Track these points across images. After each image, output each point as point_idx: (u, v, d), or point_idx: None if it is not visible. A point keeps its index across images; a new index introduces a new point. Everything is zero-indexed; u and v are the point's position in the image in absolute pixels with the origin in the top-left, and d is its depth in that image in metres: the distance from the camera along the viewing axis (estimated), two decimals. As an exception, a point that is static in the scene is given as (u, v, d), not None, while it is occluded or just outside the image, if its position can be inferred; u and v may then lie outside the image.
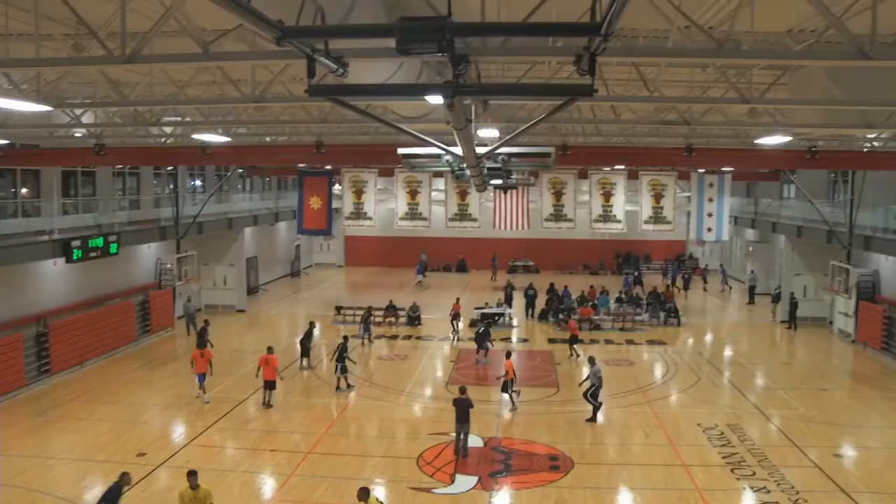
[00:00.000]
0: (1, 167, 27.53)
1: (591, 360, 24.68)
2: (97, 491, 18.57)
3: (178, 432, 23.43)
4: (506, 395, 25.44)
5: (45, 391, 27.17)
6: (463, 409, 20.93)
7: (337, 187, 38.61)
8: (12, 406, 25.46)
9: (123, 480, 15.52)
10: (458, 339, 35.40)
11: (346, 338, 28.84)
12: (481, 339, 31.87)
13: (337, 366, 27.11)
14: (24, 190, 30.22)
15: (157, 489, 18.78)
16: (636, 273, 53.14)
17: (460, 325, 36.38)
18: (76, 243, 28.91)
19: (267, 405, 25.48)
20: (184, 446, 21.87)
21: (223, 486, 18.74)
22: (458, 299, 38.59)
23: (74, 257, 28.91)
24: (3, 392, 25.80)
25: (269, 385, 25.58)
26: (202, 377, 26.13)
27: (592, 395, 23.88)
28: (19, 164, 28.39)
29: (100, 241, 30.47)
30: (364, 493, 14.44)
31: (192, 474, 15.22)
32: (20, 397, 26.28)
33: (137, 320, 34.83)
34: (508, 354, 26.58)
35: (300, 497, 18.26)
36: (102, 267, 32.30)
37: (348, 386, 27.17)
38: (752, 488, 18.57)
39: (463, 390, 21.56)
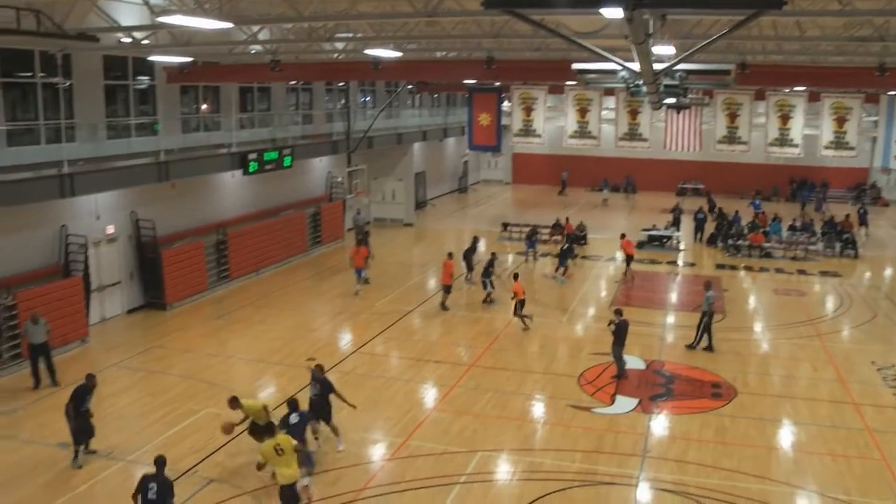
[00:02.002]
0: (185, 84, 28.76)
1: (707, 285, 23.67)
2: (272, 390, 19.77)
3: (346, 340, 24.39)
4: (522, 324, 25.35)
5: (224, 296, 28.79)
6: (624, 331, 20.80)
7: (506, 104, 38.42)
8: (196, 308, 27.15)
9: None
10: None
11: (493, 255, 29.39)
12: (563, 257, 31.77)
13: (484, 281, 27.72)
14: (204, 106, 31.55)
15: (326, 393, 19.66)
16: (818, 198, 51.01)
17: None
18: (252, 156, 30.05)
19: (443, 307, 26.91)
20: (351, 353, 22.76)
21: (388, 393, 19.44)
22: (567, 219, 38.12)
23: (251, 170, 30.08)
24: (189, 295, 27.56)
25: (445, 289, 26.97)
26: (360, 271, 28.73)
27: (707, 321, 23.00)
28: (201, 80, 29.55)
29: (274, 155, 31.55)
30: (234, 402, 15.33)
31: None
32: (203, 300, 27.97)
33: (309, 231, 36.13)
34: (516, 276, 26.34)
35: (462, 408, 18.70)
36: (276, 179, 33.54)
37: (490, 301, 27.67)
38: (929, 434, 17.63)
39: (620, 312, 21.32)
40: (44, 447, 16.34)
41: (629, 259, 32.02)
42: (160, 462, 12.44)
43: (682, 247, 38.35)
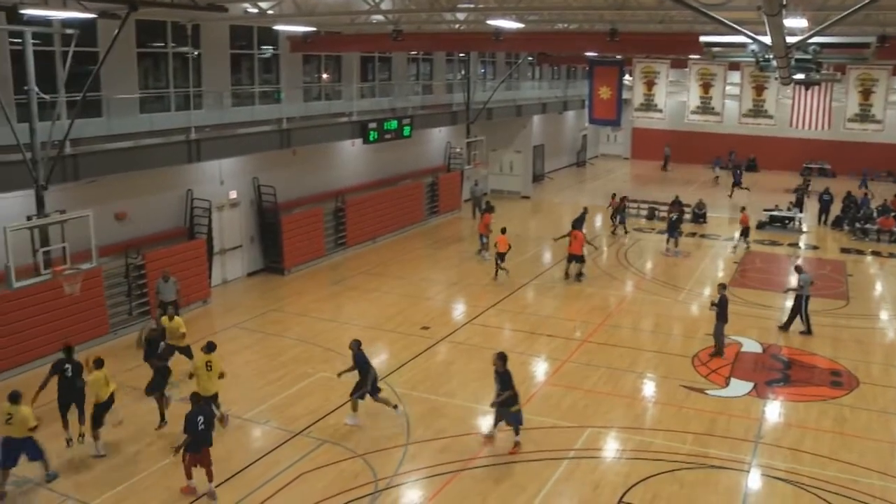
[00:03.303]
0: (307, 53, 29.22)
1: (798, 269, 23.00)
2: (385, 356, 20.03)
3: (460, 310, 24.52)
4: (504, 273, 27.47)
5: (340, 262, 29.34)
6: (725, 307, 20.32)
7: (627, 77, 37.70)
8: (313, 273, 27.76)
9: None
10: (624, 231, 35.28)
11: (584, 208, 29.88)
12: (672, 229, 31.74)
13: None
14: (325, 75, 32.00)
15: (438, 362, 19.86)
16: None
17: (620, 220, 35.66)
18: (372, 125, 30.37)
19: (573, 277, 27.21)
20: (464, 324, 22.88)
21: (499, 365, 19.48)
22: (614, 194, 37.07)
23: (371, 138, 30.42)
24: (307, 260, 28.21)
25: (574, 258, 26.97)
26: (482, 238, 30.09)
27: (804, 304, 22.22)
28: (323, 49, 29.99)
29: (394, 124, 31.81)
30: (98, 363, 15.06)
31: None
32: (320, 266, 28.57)
33: (426, 201, 36.40)
34: (503, 230, 27.53)
35: (573, 383, 18.60)
36: (395, 148, 33.86)
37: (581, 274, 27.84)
38: None
39: (724, 286, 20.88)
40: (167, 402, 17.05)
41: (745, 231, 32.06)
42: (196, 397, 13.86)
43: (805, 229, 37.00)
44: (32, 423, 13.51)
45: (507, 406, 15.06)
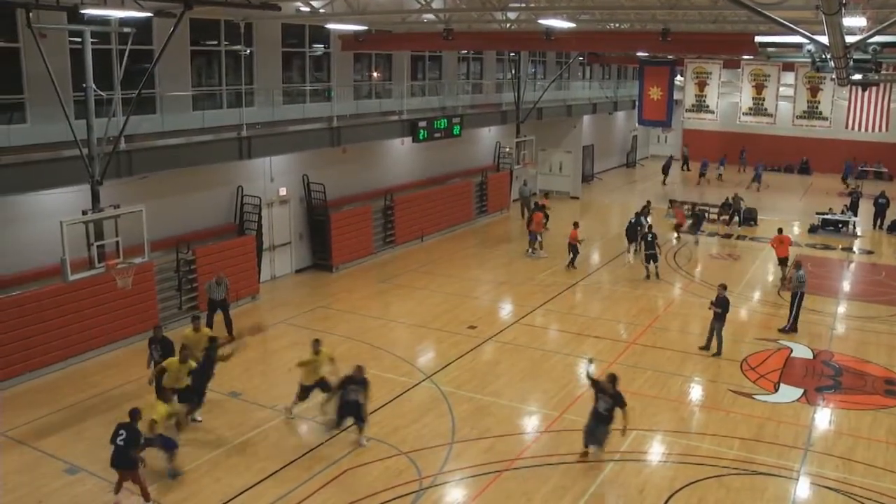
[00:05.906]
0: (358, 51, 29.37)
1: (798, 265, 22.85)
2: (431, 355, 20.06)
3: (507, 310, 24.46)
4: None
5: (388, 260, 29.43)
6: (727, 307, 20.31)
7: (678, 78, 37.38)
8: (361, 271, 27.89)
9: None
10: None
11: (650, 228, 29.26)
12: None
13: (648, 255, 27.83)
14: (376, 73, 32.13)
15: (484, 361, 19.83)
16: None
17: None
18: (422, 124, 30.41)
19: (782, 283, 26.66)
20: (511, 324, 22.81)
21: (546, 365, 19.41)
22: (576, 223, 33.07)
23: (420, 137, 30.45)
24: (356, 258, 28.36)
25: (781, 261, 27.11)
26: (533, 236, 30.46)
27: (797, 302, 22.05)
28: (374, 48, 30.10)
29: (444, 123, 31.82)
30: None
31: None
32: (368, 264, 28.69)
33: (475, 200, 36.37)
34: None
35: (619, 385, 18.37)
36: (445, 147, 33.88)
37: (649, 276, 27.77)
38: None
39: (725, 287, 20.75)
40: (216, 395, 17.18)
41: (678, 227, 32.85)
42: (134, 413, 13.25)
43: (859, 233, 36.28)
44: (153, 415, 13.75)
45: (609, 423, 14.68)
